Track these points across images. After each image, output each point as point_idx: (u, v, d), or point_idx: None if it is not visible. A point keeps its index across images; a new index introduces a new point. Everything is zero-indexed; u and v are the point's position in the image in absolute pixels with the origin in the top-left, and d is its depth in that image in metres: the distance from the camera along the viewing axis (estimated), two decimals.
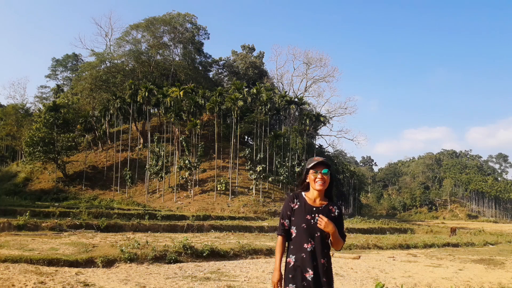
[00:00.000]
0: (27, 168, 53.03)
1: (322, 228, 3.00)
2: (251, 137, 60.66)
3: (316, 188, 3.14)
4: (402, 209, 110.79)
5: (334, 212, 3.16)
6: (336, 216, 3.16)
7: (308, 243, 3.04)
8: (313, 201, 3.18)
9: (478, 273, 12.58)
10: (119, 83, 60.10)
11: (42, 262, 10.46)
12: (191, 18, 70.39)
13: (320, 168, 3.15)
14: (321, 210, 3.13)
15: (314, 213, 3.10)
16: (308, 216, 3.10)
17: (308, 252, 3.03)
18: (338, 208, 3.21)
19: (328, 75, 70.71)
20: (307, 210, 3.13)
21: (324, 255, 3.06)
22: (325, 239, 3.07)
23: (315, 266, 3.00)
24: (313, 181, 3.16)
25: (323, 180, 3.14)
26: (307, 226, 3.07)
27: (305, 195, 3.23)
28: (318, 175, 3.13)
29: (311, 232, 3.06)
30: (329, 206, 3.17)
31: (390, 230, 36.19)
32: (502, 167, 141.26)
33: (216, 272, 10.73)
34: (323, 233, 3.05)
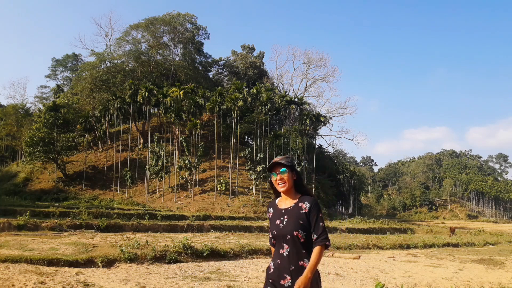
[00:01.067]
0: (27, 168, 53.02)
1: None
2: (251, 137, 60.65)
3: (280, 190, 3.03)
4: (402, 209, 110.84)
5: (305, 208, 2.93)
6: (307, 212, 2.91)
7: (283, 248, 2.90)
8: (284, 204, 3.04)
9: (478, 273, 12.58)
10: (119, 83, 60.09)
11: (42, 262, 10.46)
12: (191, 18, 70.42)
13: (278, 169, 3.02)
14: (290, 210, 2.96)
15: (283, 216, 2.96)
16: (277, 220, 2.98)
17: (283, 258, 2.89)
18: (310, 202, 2.95)
19: (328, 75, 70.76)
20: (277, 214, 3.01)
21: (303, 256, 2.86)
22: (298, 240, 2.87)
23: (292, 270, 2.83)
24: (275, 183, 3.05)
25: (283, 180, 3.01)
26: (277, 231, 2.94)
27: (278, 200, 3.11)
28: (277, 177, 3.02)
29: (283, 236, 2.91)
30: (299, 204, 2.96)
31: (390, 230, 36.20)
32: (502, 167, 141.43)
33: (216, 272, 10.73)
34: (293, 234, 2.87)
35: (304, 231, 2.86)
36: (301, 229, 2.87)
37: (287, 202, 3.03)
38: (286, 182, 3.00)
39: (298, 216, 2.90)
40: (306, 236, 2.87)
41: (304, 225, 2.87)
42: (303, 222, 2.88)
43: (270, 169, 3.08)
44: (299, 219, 2.88)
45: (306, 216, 2.89)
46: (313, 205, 2.92)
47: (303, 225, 2.87)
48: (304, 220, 2.88)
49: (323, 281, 10.33)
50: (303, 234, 2.86)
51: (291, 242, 2.87)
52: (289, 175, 3.00)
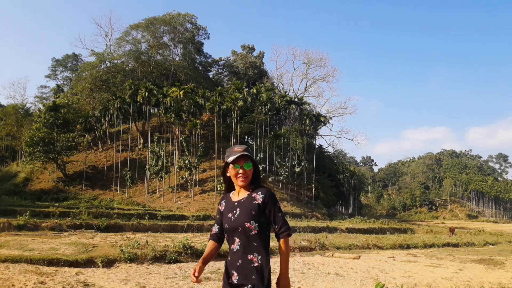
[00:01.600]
0: (27, 168, 53.01)
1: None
2: (251, 137, 60.65)
3: (239, 184, 2.82)
4: (402, 209, 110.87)
5: (258, 199, 2.73)
6: (261, 202, 2.72)
7: (234, 242, 2.72)
8: (237, 196, 2.85)
9: (478, 273, 12.58)
10: (119, 83, 60.09)
11: (42, 262, 10.46)
12: (191, 18, 70.42)
13: (242, 162, 2.79)
14: (243, 202, 2.77)
15: (235, 209, 2.77)
16: (230, 214, 2.78)
17: (234, 253, 2.71)
18: (264, 192, 2.76)
19: (328, 75, 70.84)
20: (230, 207, 2.82)
21: (253, 250, 2.66)
22: (250, 231, 2.68)
23: (238, 265, 2.65)
24: (234, 176, 2.82)
25: (245, 175, 2.80)
26: (229, 225, 2.75)
27: (232, 193, 2.92)
28: (240, 170, 2.79)
29: (234, 230, 2.72)
30: (252, 194, 2.78)
31: (390, 230, 36.20)
32: (502, 167, 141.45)
33: (216, 272, 10.73)
34: (244, 225, 2.68)
35: (256, 222, 2.69)
36: (253, 219, 2.69)
37: (240, 194, 2.85)
38: (248, 177, 2.81)
39: (251, 207, 2.72)
40: (258, 228, 2.69)
41: (257, 216, 2.70)
42: (255, 213, 2.70)
43: (233, 160, 2.80)
44: (251, 210, 2.71)
45: (260, 207, 2.72)
46: (268, 196, 2.75)
47: (255, 216, 2.70)
48: (257, 211, 2.71)
49: (323, 281, 10.34)
50: (255, 225, 2.69)
51: (242, 235, 2.69)
52: (251, 170, 2.82)
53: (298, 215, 41.90)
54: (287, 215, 40.70)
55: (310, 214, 44.66)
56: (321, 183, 57.42)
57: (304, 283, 9.82)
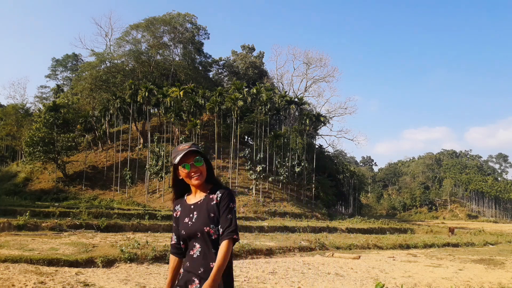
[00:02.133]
0: (27, 168, 53.00)
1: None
2: (251, 137, 60.63)
3: (194, 184, 2.58)
4: (402, 209, 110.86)
5: (216, 199, 2.53)
6: (218, 203, 2.51)
7: (193, 249, 2.49)
8: (193, 198, 2.63)
9: (478, 273, 12.58)
10: (119, 83, 60.09)
11: (42, 262, 10.47)
12: (191, 18, 70.42)
13: (190, 159, 2.55)
14: (200, 204, 2.55)
15: (192, 212, 2.55)
16: (186, 218, 2.55)
17: (194, 259, 2.48)
18: (222, 192, 2.55)
19: (328, 75, 70.79)
20: (186, 212, 2.58)
21: (214, 256, 2.43)
22: (210, 236, 2.46)
23: (201, 273, 2.42)
24: (187, 177, 2.58)
25: (198, 172, 2.56)
26: (187, 231, 2.51)
27: (187, 195, 2.68)
28: (192, 169, 2.55)
29: (192, 235, 2.50)
30: (210, 195, 2.56)
31: (390, 230, 36.20)
32: (502, 167, 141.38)
33: None
34: (203, 230, 2.46)
35: (216, 226, 2.47)
36: (213, 223, 2.47)
37: (197, 196, 2.61)
38: (202, 173, 2.57)
39: (209, 209, 2.51)
40: (218, 232, 2.47)
41: (216, 219, 2.48)
42: (214, 215, 2.48)
43: (179, 160, 2.55)
44: (210, 212, 2.49)
45: (217, 208, 2.50)
46: (224, 195, 2.53)
47: (214, 218, 2.48)
48: (216, 213, 2.49)
49: (323, 281, 10.33)
50: (215, 229, 2.47)
51: (201, 241, 2.47)
52: (203, 165, 2.58)
53: (298, 215, 41.91)
54: (287, 215, 40.70)
55: (310, 214, 44.66)
56: (321, 183, 57.40)
57: (304, 283, 9.82)
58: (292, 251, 17.40)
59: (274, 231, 27.23)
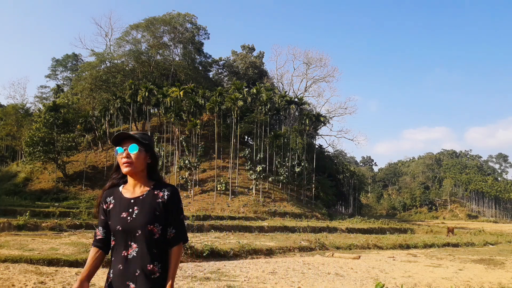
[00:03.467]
0: (27, 168, 53.00)
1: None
2: (251, 137, 60.64)
3: (123, 171, 2.37)
4: (402, 209, 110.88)
5: (163, 197, 2.34)
6: (166, 201, 2.33)
7: (128, 249, 2.27)
8: (132, 191, 2.39)
9: (478, 273, 12.58)
10: (119, 83, 60.11)
11: (42, 262, 10.47)
12: (191, 18, 70.44)
13: (126, 144, 2.37)
14: (142, 200, 2.33)
15: (131, 207, 2.32)
16: (124, 213, 2.31)
17: (128, 261, 2.26)
18: (169, 189, 2.38)
19: (328, 75, 70.82)
20: (123, 205, 2.34)
21: (153, 258, 2.26)
22: (153, 235, 2.27)
23: (138, 276, 2.22)
24: (119, 161, 2.38)
25: (129, 159, 2.34)
26: (124, 226, 2.29)
27: (123, 187, 2.44)
28: (123, 154, 2.35)
29: (130, 233, 2.27)
30: (154, 191, 2.37)
31: (390, 230, 36.20)
32: (502, 167, 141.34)
33: (216, 272, 10.73)
34: (146, 228, 2.26)
35: (160, 225, 2.30)
36: (157, 222, 2.29)
37: (136, 190, 2.39)
38: (133, 162, 2.35)
39: (154, 206, 2.31)
40: (161, 231, 2.30)
41: (160, 218, 2.30)
42: (159, 214, 2.30)
43: (117, 142, 2.40)
44: (155, 210, 2.30)
45: (163, 206, 2.32)
46: (172, 194, 2.36)
47: (159, 217, 2.30)
48: (161, 211, 2.31)
49: (323, 281, 10.34)
50: (158, 228, 2.29)
51: (141, 240, 2.26)
52: (139, 155, 2.37)
53: (298, 215, 41.91)
54: (287, 215, 40.72)
55: (310, 214, 44.66)
56: (321, 183, 57.42)
57: (304, 283, 9.82)
58: (292, 251, 17.41)
59: (274, 231, 27.24)
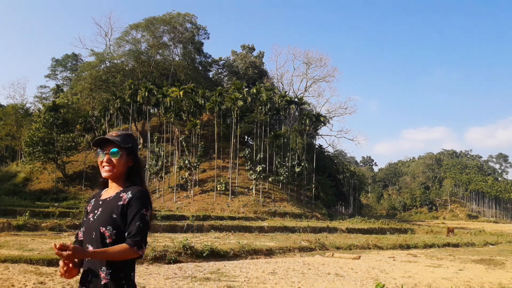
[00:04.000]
0: (26, 168, 53.00)
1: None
2: (251, 137, 60.62)
3: (103, 175, 2.31)
4: (402, 209, 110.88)
5: (124, 199, 2.21)
6: (125, 204, 2.20)
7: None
8: (107, 193, 2.35)
9: (479, 273, 12.57)
10: (119, 83, 60.10)
11: (41, 262, 10.45)
12: (191, 18, 70.42)
13: (109, 148, 2.28)
14: (108, 201, 2.26)
15: (97, 209, 2.27)
16: (91, 214, 2.27)
17: (86, 264, 2.19)
18: (133, 192, 2.24)
19: (328, 75, 70.75)
20: (94, 207, 2.31)
21: (102, 263, 2.14)
22: (104, 239, 2.16)
23: (90, 280, 2.15)
24: (100, 165, 2.31)
25: (110, 164, 2.27)
26: (86, 228, 2.25)
27: (105, 190, 2.40)
28: (105, 158, 2.27)
29: (88, 235, 2.22)
30: (120, 194, 2.25)
31: (390, 230, 36.18)
32: (502, 167, 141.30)
33: (216, 272, 10.72)
34: (99, 230, 2.17)
35: (114, 229, 2.17)
36: (111, 225, 2.18)
37: (109, 192, 2.33)
38: (115, 167, 2.28)
39: (113, 209, 2.21)
40: (116, 236, 2.17)
41: (117, 221, 2.18)
42: (116, 217, 2.19)
43: (98, 145, 2.33)
44: (113, 213, 2.20)
45: (123, 210, 2.19)
46: (135, 197, 2.21)
47: (115, 220, 2.18)
48: (119, 215, 2.19)
49: (323, 281, 10.32)
50: (112, 232, 2.17)
51: (95, 242, 2.17)
52: (120, 159, 2.28)
53: (298, 215, 41.89)
54: (287, 215, 40.66)
55: (310, 214, 44.64)
56: (321, 183, 57.40)
57: (304, 283, 9.80)
58: (292, 251, 17.39)
59: (274, 231, 27.21)
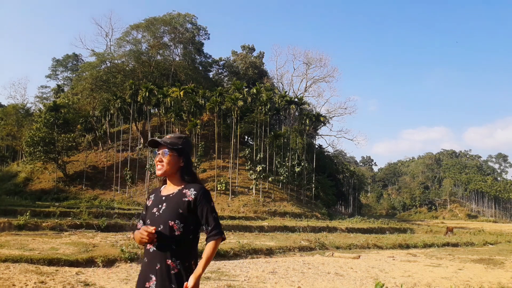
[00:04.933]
0: (27, 168, 53.01)
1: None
2: (251, 137, 60.65)
3: (157, 173, 2.58)
4: (401, 209, 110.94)
5: (189, 196, 2.45)
6: (192, 200, 2.44)
7: (152, 242, 2.39)
8: (167, 190, 2.58)
9: (478, 272, 12.61)
10: (120, 83, 60.09)
11: (42, 262, 10.49)
12: (191, 18, 70.44)
13: (161, 150, 2.56)
14: (171, 197, 2.49)
15: (161, 203, 2.49)
16: (154, 208, 2.50)
17: (150, 254, 2.41)
18: (197, 189, 2.48)
19: (328, 75, 70.77)
20: (156, 202, 2.55)
21: (172, 254, 2.36)
22: (173, 231, 2.38)
23: (158, 269, 2.35)
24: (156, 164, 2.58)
25: (162, 163, 2.54)
26: (151, 221, 2.47)
27: (164, 187, 2.66)
28: (157, 158, 2.56)
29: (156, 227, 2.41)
30: (183, 190, 2.49)
31: (389, 230, 36.22)
32: (501, 167, 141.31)
33: (216, 272, 10.76)
34: (168, 224, 2.39)
35: (182, 223, 2.40)
36: (179, 219, 2.40)
37: (169, 189, 2.58)
38: (165, 166, 2.54)
39: (179, 204, 2.44)
40: (183, 229, 2.40)
41: (184, 216, 2.42)
42: (182, 212, 2.42)
43: (153, 145, 2.61)
44: (179, 208, 2.43)
45: (190, 206, 2.43)
46: (200, 193, 2.46)
47: (182, 214, 2.41)
48: (185, 210, 2.42)
49: (323, 280, 10.36)
50: (179, 225, 2.40)
51: (163, 234, 2.39)
52: (171, 159, 2.54)
53: (298, 215, 41.94)
54: (287, 215, 40.73)
55: (310, 214, 44.68)
56: (321, 183, 57.44)
57: (304, 283, 9.85)
58: (292, 250, 17.43)
59: (274, 230, 27.26)
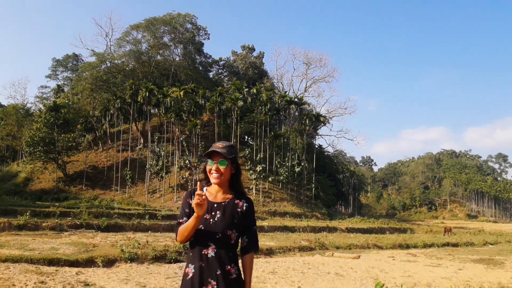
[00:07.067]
0: (27, 168, 53.03)
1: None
2: (251, 137, 60.66)
3: (212, 181, 2.65)
4: (401, 209, 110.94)
5: (242, 207, 2.62)
6: (244, 211, 2.62)
7: (208, 248, 2.50)
8: (214, 196, 2.66)
9: (478, 272, 12.61)
10: (120, 83, 60.10)
11: (42, 262, 10.49)
12: (191, 18, 70.43)
13: (217, 158, 2.62)
14: (224, 206, 2.60)
15: (214, 211, 2.58)
16: (207, 215, 2.56)
17: (208, 260, 2.50)
18: (248, 201, 2.67)
19: (328, 75, 70.74)
20: (207, 208, 2.56)
21: (230, 260, 2.53)
22: (230, 240, 2.53)
23: (218, 275, 2.47)
24: (209, 172, 2.65)
25: (218, 172, 2.61)
26: (205, 227, 2.54)
27: (207, 190, 2.69)
28: (213, 167, 2.62)
29: (211, 234, 2.51)
30: (235, 200, 2.64)
31: (389, 230, 36.23)
32: (501, 167, 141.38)
33: None
34: (226, 233, 2.52)
35: (237, 232, 2.57)
36: (235, 228, 2.56)
37: (219, 196, 2.66)
38: (222, 175, 2.63)
39: (234, 214, 2.58)
40: (236, 238, 2.58)
41: (238, 225, 2.58)
42: (237, 221, 2.58)
43: (209, 155, 2.68)
44: (234, 218, 2.57)
45: (241, 216, 2.60)
46: (250, 205, 2.66)
47: (237, 224, 2.57)
48: (239, 220, 2.59)
49: (323, 280, 10.37)
50: (235, 234, 2.56)
51: (220, 242, 2.51)
52: (226, 168, 2.63)
53: (298, 215, 41.95)
54: (287, 215, 40.78)
55: (310, 214, 44.69)
56: (321, 183, 57.44)
57: (304, 283, 9.85)
58: (292, 250, 17.43)
59: (274, 230, 27.26)
